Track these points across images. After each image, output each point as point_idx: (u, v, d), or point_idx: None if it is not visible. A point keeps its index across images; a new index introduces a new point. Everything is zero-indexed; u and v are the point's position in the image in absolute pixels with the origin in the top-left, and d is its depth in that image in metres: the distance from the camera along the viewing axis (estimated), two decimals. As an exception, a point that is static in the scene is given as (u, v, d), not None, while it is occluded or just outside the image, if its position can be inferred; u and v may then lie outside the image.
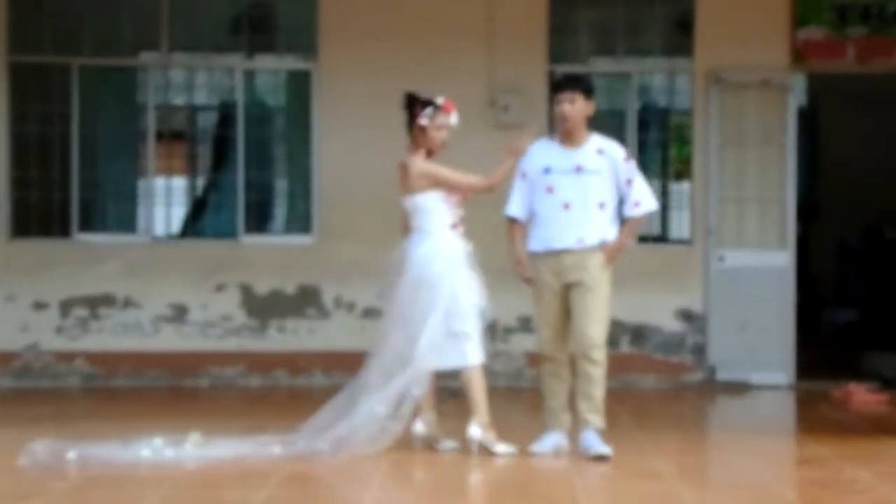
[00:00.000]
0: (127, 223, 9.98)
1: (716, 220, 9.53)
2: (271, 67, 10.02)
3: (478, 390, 6.39)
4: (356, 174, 9.41)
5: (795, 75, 9.72)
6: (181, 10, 9.61)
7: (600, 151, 6.39)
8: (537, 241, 6.46)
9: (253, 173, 9.69)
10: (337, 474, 5.98)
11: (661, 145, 10.11)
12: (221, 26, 9.87)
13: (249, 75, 9.90)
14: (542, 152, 6.44)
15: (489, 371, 9.43)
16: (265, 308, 9.49)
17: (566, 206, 6.35)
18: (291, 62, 9.84)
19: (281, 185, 10.21)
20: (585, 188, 6.33)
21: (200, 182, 10.86)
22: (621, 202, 6.49)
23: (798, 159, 9.67)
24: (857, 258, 12.34)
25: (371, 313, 9.41)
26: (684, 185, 10.29)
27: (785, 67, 9.52)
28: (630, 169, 6.45)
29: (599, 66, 9.88)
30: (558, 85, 6.46)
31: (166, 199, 10.11)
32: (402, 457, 6.28)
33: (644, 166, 9.89)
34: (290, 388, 9.26)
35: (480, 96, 9.41)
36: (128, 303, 9.45)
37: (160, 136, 9.85)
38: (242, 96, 9.68)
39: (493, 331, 9.42)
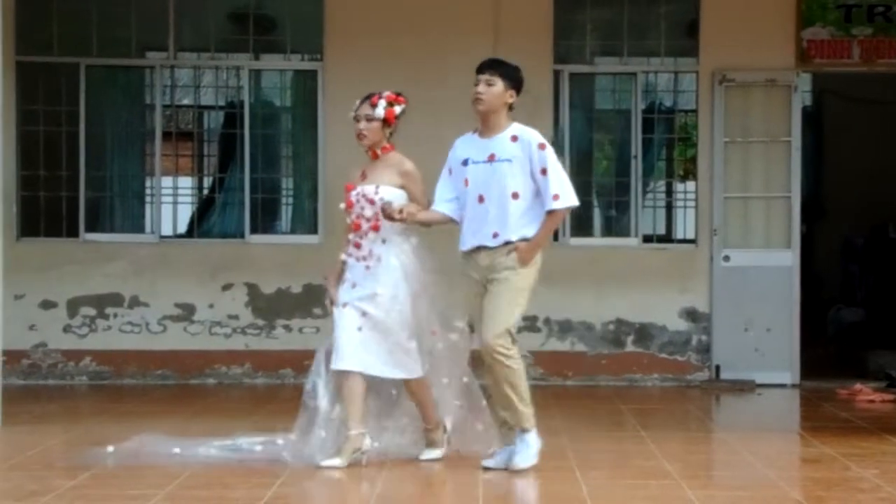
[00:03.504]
0: (134, 222, 10.02)
1: (721, 219, 9.54)
2: (277, 67, 10.05)
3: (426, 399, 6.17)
4: (362, 174, 9.42)
5: (801, 75, 9.71)
6: (188, 11, 9.63)
7: (514, 138, 5.95)
8: (462, 240, 6.02)
9: (259, 173, 9.71)
10: (345, 473, 6.00)
11: (666, 145, 10.11)
12: (228, 26, 9.89)
13: (256, 75, 9.93)
14: (464, 145, 6.09)
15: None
16: (272, 307, 9.51)
17: (480, 199, 5.93)
18: (297, 62, 9.86)
19: (287, 185, 10.23)
20: (498, 178, 5.89)
21: (207, 181, 10.89)
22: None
23: (803, 159, 9.68)
24: (863, 257, 12.33)
25: (377, 312, 9.45)
26: (689, 185, 10.30)
27: (790, 67, 9.53)
28: (545, 157, 5.90)
29: (604, 66, 9.89)
30: (480, 66, 6.06)
31: (173, 198, 10.14)
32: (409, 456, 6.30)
33: (649, 166, 9.96)
34: (297, 388, 9.24)
35: (486, 96, 9.41)
36: (135, 302, 9.48)
37: (167, 136, 9.89)
38: (249, 96, 9.70)
39: (498, 330, 9.48)
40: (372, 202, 6.10)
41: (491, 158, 5.94)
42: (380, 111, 6.19)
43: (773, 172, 9.56)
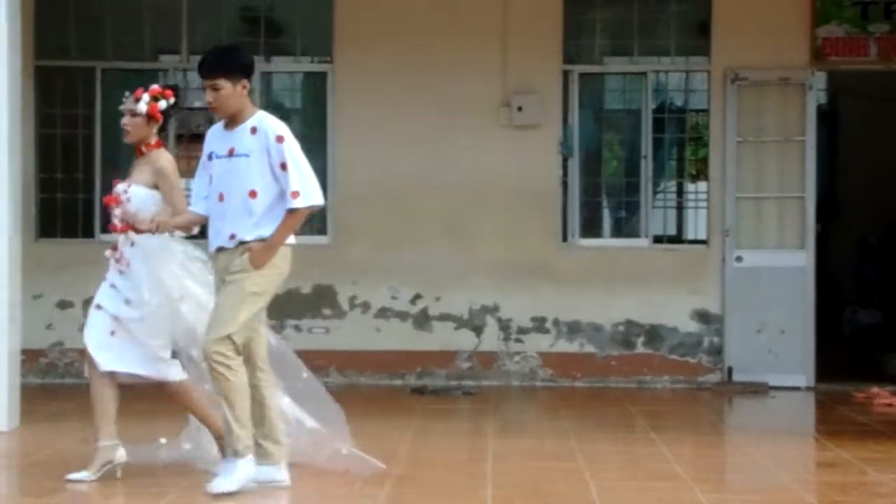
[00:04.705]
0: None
1: (733, 219, 9.46)
2: (288, 69, 10.03)
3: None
4: (372, 175, 9.41)
5: (815, 73, 9.63)
6: (200, 14, 9.65)
7: (253, 130, 5.49)
8: (208, 241, 5.64)
9: (269, 174, 9.70)
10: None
11: (677, 145, 10.05)
12: (239, 29, 9.90)
13: (266, 77, 9.91)
14: (211, 137, 5.64)
15: (503, 370, 9.51)
16: (282, 307, 9.47)
17: (221, 197, 5.51)
18: (308, 64, 9.85)
19: (297, 187, 10.21)
20: (235, 175, 5.46)
21: (218, 183, 10.85)
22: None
23: (818, 158, 9.59)
24: (878, 258, 12.23)
25: (386, 313, 9.42)
26: (701, 185, 10.23)
27: (805, 65, 9.45)
28: (282, 151, 5.44)
29: (615, 66, 9.84)
30: (199, 71, 5.55)
31: (186, 200, 10.10)
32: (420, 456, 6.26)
33: (660, 166, 9.89)
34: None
35: (494, 97, 9.38)
36: (146, 303, 9.47)
37: (180, 138, 9.87)
38: (260, 98, 9.68)
39: (506, 331, 9.46)
40: (118, 202, 5.79)
41: (230, 153, 5.51)
42: (142, 106, 5.80)
43: (787, 172, 9.48)
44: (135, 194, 5.75)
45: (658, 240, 9.64)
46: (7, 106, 7.18)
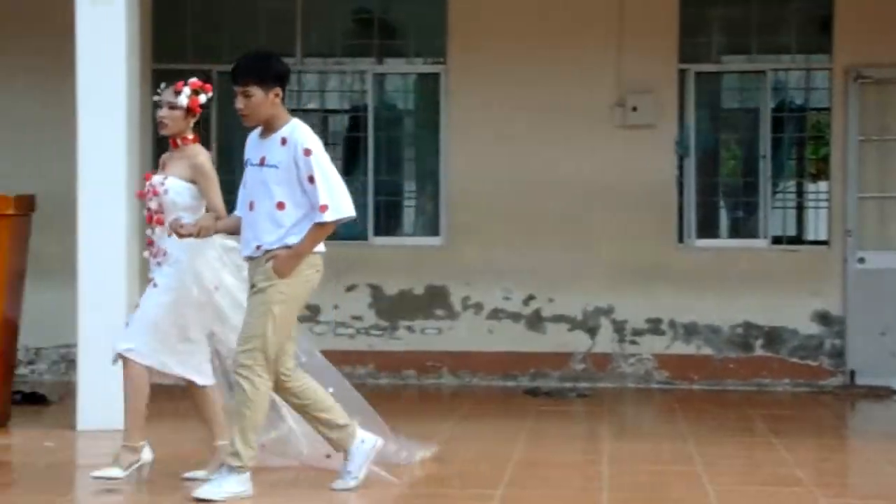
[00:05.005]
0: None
1: (855, 220, 9.25)
2: (401, 71, 10.09)
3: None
4: (484, 175, 9.41)
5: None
6: (314, 17, 9.76)
7: (283, 141, 5.38)
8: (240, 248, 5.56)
9: (383, 175, 9.77)
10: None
11: (796, 144, 9.85)
12: (353, 32, 9.99)
13: (380, 79, 9.99)
14: (249, 143, 5.55)
15: (618, 372, 9.43)
16: (394, 308, 9.55)
17: (251, 206, 5.43)
18: (421, 65, 9.89)
19: (410, 187, 10.27)
20: (265, 185, 5.37)
21: (332, 185, 10.97)
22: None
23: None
24: None
25: (499, 314, 9.41)
26: (822, 185, 10.01)
27: (930, 62, 9.20)
28: (310, 164, 5.32)
29: (732, 65, 9.69)
30: (232, 76, 5.45)
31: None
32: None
33: (779, 166, 9.71)
34: (419, 388, 9.30)
35: (609, 97, 9.31)
36: (261, 303, 9.60)
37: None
38: (373, 100, 9.77)
39: (621, 332, 9.37)
40: (156, 193, 5.70)
41: (262, 162, 5.41)
42: (183, 99, 5.73)
43: (911, 171, 9.25)
44: (171, 186, 5.68)
45: (777, 240, 9.45)
46: (125, 109, 7.35)
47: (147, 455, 5.71)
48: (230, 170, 10.01)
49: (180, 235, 5.53)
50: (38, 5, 9.22)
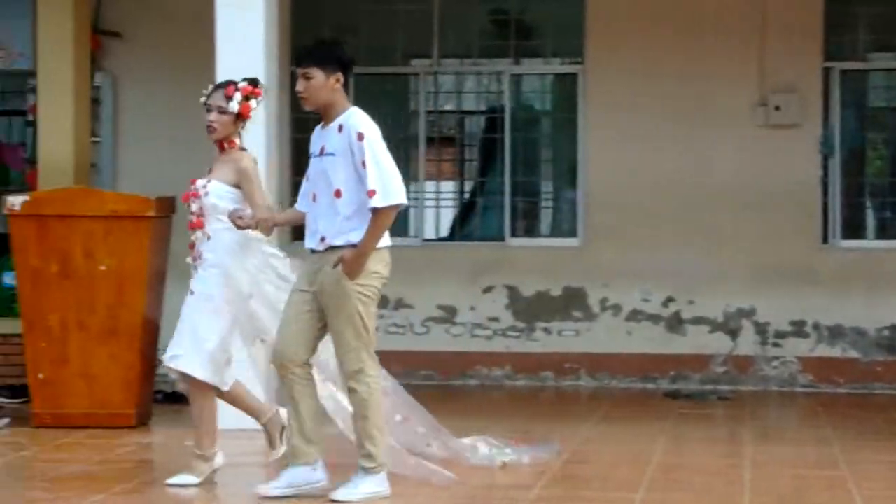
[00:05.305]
0: (398, 226, 10.25)
1: None
2: (538, 71, 10.09)
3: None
4: (623, 176, 9.35)
5: None
6: (451, 19, 9.82)
7: (340, 128, 5.34)
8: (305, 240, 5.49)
9: (520, 176, 9.79)
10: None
11: (946, 144, 9.57)
12: (489, 33, 10.03)
13: (516, 80, 10.01)
14: (313, 137, 5.52)
15: (761, 375, 9.26)
16: (531, 310, 9.55)
17: (313, 198, 5.39)
18: (558, 66, 9.89)
19: (547, 188, 10.27)
20: (325, 174, 5.32)
21: (469, 185, 11.05)
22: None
23: None
24: None
25: (637, 316, 9.34)
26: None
27: None
28: (363, 148, 5.24)
29: (879, 62, 9.44)
30: (297, 59, 5.50)
31: (436, 202, 10.35)
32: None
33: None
34: (557, 390, 9.29)
35: (751, 97, 9.17)
36: (399, 304, 9.71)
37: (430, 141, 10.10)
38: (509, 100, 9.80)
39: (763, 335, 9.21)
40: (197, 196, 5.65)
41: (321, 152, 5.38)
42: (234, 105, 5.68)
43: None
44: (213, 189, 5.64)
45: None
46: (264, 111, 7.49)
47: (220, 460, 5.74)
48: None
49: (239, 227, 5.50)
50: (179, 7, 9.43)
